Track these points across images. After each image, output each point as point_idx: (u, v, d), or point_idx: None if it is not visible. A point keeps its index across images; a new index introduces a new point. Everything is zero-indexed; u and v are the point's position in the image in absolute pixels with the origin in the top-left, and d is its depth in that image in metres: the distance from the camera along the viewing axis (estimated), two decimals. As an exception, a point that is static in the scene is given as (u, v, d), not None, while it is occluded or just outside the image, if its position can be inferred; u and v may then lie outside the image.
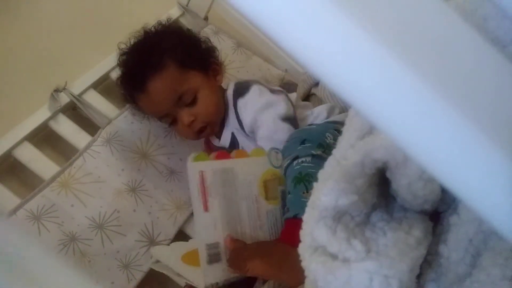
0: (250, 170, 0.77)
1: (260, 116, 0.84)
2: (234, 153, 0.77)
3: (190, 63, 0.90)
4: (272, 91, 0.89)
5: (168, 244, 0.94)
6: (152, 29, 0.94)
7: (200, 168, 0.71)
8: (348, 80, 0.20)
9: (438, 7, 0.22)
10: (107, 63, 1.03)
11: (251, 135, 0.89)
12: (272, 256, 0.64)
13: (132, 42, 0.92)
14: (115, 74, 0.99)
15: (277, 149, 0.78)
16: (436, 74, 0.20)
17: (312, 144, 0.71)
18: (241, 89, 0.91)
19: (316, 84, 1.09)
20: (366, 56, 0.19)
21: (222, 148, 0.96)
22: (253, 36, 1.17)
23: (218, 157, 0.74)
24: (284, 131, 0.81)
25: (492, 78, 0.22)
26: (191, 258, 0.76)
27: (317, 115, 0.90)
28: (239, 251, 0.68)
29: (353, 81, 0.20)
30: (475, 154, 0.20)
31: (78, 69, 1.02)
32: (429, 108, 0.19)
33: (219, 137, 0.97)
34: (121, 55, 0.93)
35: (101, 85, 1.06)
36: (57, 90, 0.96)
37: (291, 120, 0.84)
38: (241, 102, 0.89)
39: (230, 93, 0.93)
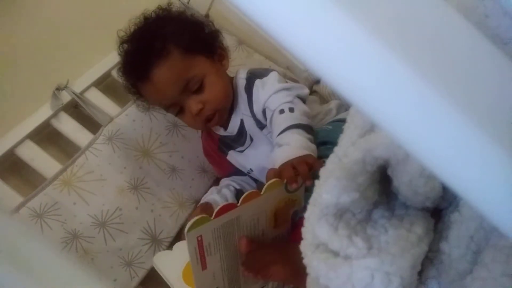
0: (259, 210, 0.70)
1: (277, 94, 0.81)
2: (245, 196, 0.68)
3: (195, 48, 0.86)
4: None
5: (171, 246, 0.93)
6: (153, 14, 0.90)
7: (198, 234, 0.64)
8: (348, 78, 0.20)
9: (438, 4, 0.22)
10: (109, 61, 1.03)
11: (261, 118, 0.86)
12: (292, 261, 0.62)
13: (132, 30, 0.89)
14: (117, 72, 0.98)
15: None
16: (436, 71, 0.20)
17: (332, 146, 0.71)
18: (259, 72, 0.89)
19: (318, 81, 1.09)
20: (366, 54, 0.19)
21: (227, 137, 0.93)
22: (255, 34, 1.16)
23: (219, 214, 0.66)
24: (298, 104, 0.80)
25: (492, 75, 0.22)
26: (191, 277, 0.70)
27: (327, 112, 0.89)
28: (256, 254, 0.67)
29: (353, 79, 0.20)
30: (475, 151, 0.20)
31: (80, 67, 1.02)
32: (429, 105, 0.19)
33: (224, 126, 0.93)
34: (121, 43, 0.90)
35: (103, 83, 1.06)
36: (58, 89, 0.96)
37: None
38: (259, 82, 0.86)
39: (241, 77, 0.91)
